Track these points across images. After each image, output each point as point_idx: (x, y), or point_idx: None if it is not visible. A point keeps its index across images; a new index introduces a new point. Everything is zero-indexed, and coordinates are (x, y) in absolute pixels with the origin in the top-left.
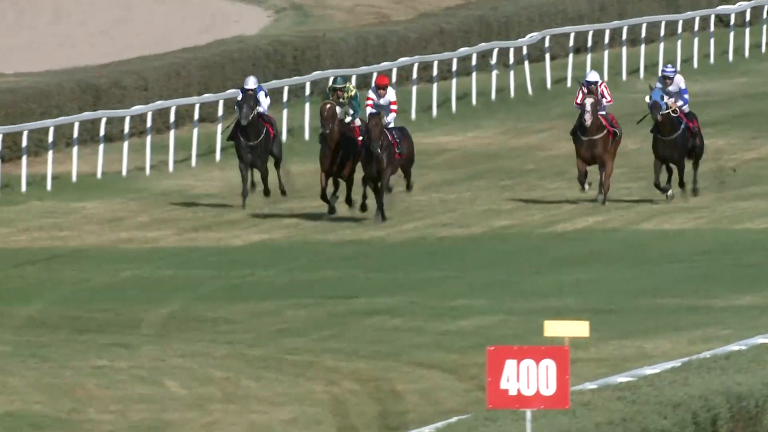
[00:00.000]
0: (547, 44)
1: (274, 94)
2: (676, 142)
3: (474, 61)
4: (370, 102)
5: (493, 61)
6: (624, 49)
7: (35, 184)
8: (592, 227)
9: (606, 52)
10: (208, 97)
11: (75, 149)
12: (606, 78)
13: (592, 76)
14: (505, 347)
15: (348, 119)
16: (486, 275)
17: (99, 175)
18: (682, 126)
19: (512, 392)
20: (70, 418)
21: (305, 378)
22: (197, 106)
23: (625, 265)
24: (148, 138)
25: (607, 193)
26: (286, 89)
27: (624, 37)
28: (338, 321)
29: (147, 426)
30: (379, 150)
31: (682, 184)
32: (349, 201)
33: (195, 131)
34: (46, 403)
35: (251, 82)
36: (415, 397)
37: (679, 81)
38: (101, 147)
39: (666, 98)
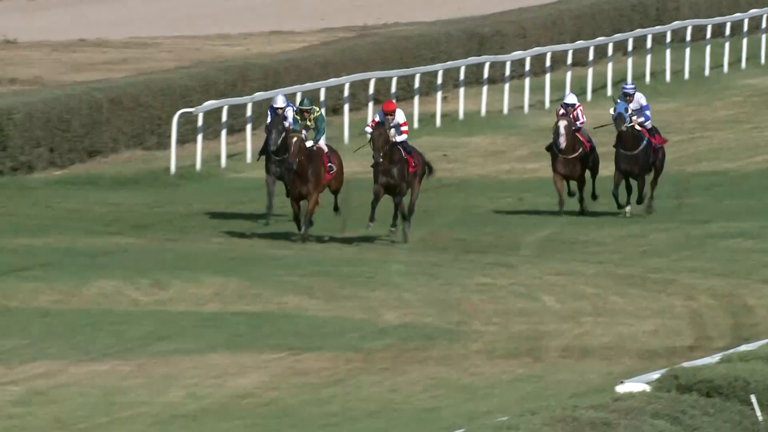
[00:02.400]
0: None
1: (638, 41)
2: (638, 157)
3: None
4: (375, 120)
5: None
6: None
7: (425, 121)
8: None
9: None
10: (580, 44)
11: (461, 90)
12: None
13: (570, 98)
14: None
15: (310, 143)
16: None
17: (483, 113)
18: (644, 141)
19: None
20: (458, 329)
21: (666, 294)
22: (570, 52)
23: None
24: (527, 80)
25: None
26: (649, 37)
27: None
28: (696, 243)
29: (525, 336)
30: (380, 159)
31: (640, 201)
32: (306, 224)
33: (568, 75)
34: (436, 315)
35: (280, 101)
36: (765, 311)
37: (640, 98)
38: (485, 88)
39: (630, 111)
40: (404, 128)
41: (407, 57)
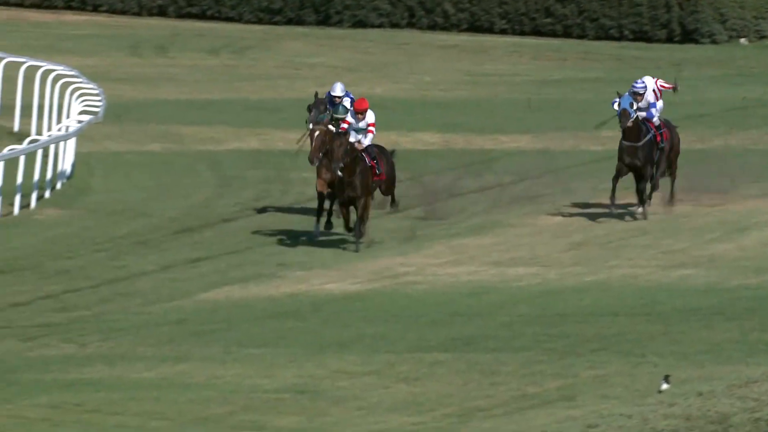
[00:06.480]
0: None
1: None
2: (641, 149)
3: None
4: (344, 126)
5: None
6: None
7: None
8: None
9: None
10: None
11: None
12: None
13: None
14: None
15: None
16: None
17: None
18: (650, 135)
19: None
20: None
21: None
22: None
23: None
24: None
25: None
26: None
27: None
28: None
29: None
30: (339, 171)
31: (640, 193)
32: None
33: None
34: None
35: (338, 89)
36: None
37: (649, 96)
38: None
39: (635, 105)
40: (371, 128)
41: None
